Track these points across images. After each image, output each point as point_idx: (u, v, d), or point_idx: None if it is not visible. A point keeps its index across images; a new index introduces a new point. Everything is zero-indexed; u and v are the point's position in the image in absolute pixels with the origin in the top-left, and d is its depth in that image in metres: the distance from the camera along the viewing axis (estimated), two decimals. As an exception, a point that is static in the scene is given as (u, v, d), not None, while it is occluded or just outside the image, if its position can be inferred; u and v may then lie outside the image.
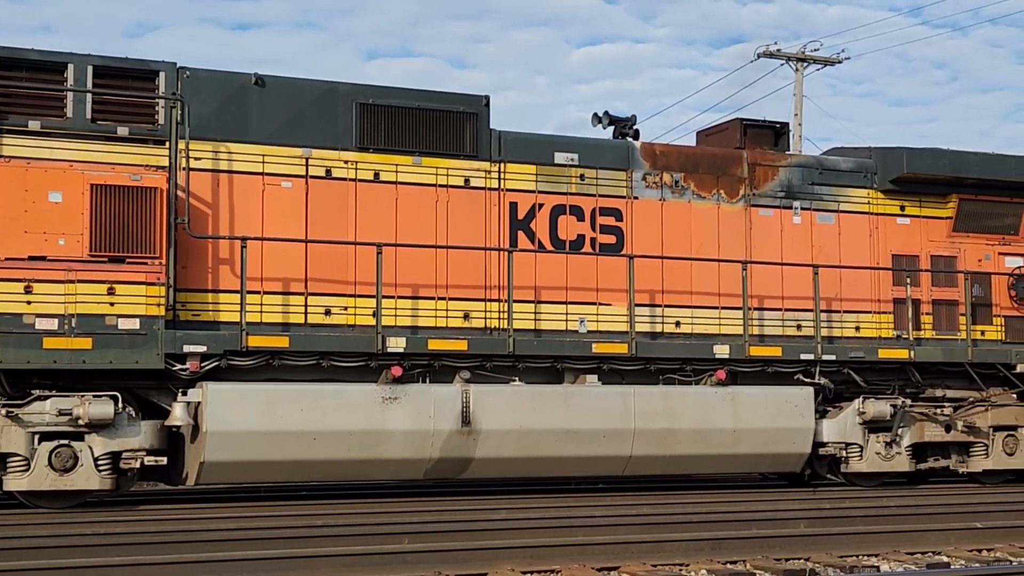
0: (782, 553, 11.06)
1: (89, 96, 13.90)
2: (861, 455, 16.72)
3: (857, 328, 17.36)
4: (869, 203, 17.71)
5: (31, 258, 13.25)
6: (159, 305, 13.64)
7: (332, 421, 14.10)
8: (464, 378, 14.88)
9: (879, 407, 16.64)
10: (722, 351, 16.09)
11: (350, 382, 14.48)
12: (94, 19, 73.95)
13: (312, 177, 14.97)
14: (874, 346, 17.08)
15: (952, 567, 10.82)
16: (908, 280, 17.33)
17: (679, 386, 15.95)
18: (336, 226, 14.98)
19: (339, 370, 14.54)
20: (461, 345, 14.95)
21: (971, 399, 17.46)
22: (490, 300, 15.58)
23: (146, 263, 13.60)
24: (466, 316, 15.46)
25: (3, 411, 13.15)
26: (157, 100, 14.24)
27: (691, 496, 15.41)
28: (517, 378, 15.25)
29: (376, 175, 15.24)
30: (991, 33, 76.84)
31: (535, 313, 15.75)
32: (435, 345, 14.82)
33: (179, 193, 14.04)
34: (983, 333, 17.96)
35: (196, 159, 14.35)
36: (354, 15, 79.44)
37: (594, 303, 16.06)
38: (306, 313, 14.77)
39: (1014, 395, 17.70)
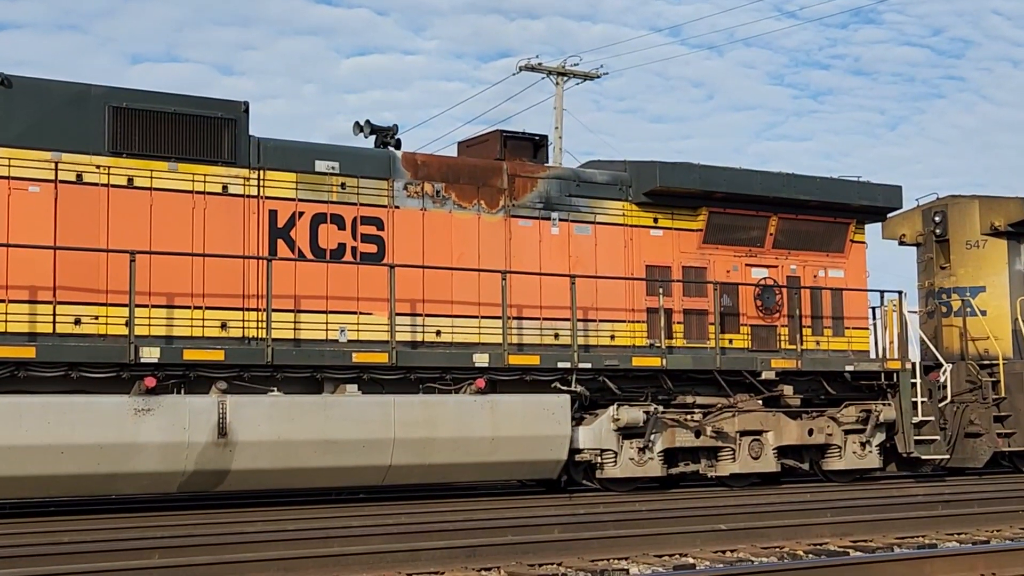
0: (536, 559, 11.24)
1: None
2: (616, 461, 17.14)
3: (612, 337, 17.80)
4: (624, 215, 18.19)
5: None
6: None
7: (81, 434, 13.66)
8: (221, 389, 14.61)
9: (632, 414, 17.09)
10: (482, 360, 16.25)
11: (101, 394, 14.05)
12: None
13: (62, 182, 14.48)
14: (628, 354, 17.52)
15: (697, 568, 11.18)
16: (661, 290, 17.85)
17: (439, 395, 16.05)
18: (88, 232, 14.52)
19: (89, 381, 14.10)
20: (218, 355, 14.67)
21: (719, 405, 18.09)
22: (248, 309, 15.36)
23: None
24: (224, 325, 15.20)
25: None
26: None
27: (449, 504, 15.55)
28: (276, 388, 15.09)
29: (130, 181, 14.85)
30: (745, 54, 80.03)
31: (295, 322, 15.60)
32: (191, 355, 14.50)
33: (-84, 196, 13.40)
34: (731, 341, 18.64)
35: (-65, 161, 13.73)
36: (116, 18, 77.06)
37: (355, 312, 16.01)
38: (54, 322, 14.26)
39: (759, 401, 18.44)
